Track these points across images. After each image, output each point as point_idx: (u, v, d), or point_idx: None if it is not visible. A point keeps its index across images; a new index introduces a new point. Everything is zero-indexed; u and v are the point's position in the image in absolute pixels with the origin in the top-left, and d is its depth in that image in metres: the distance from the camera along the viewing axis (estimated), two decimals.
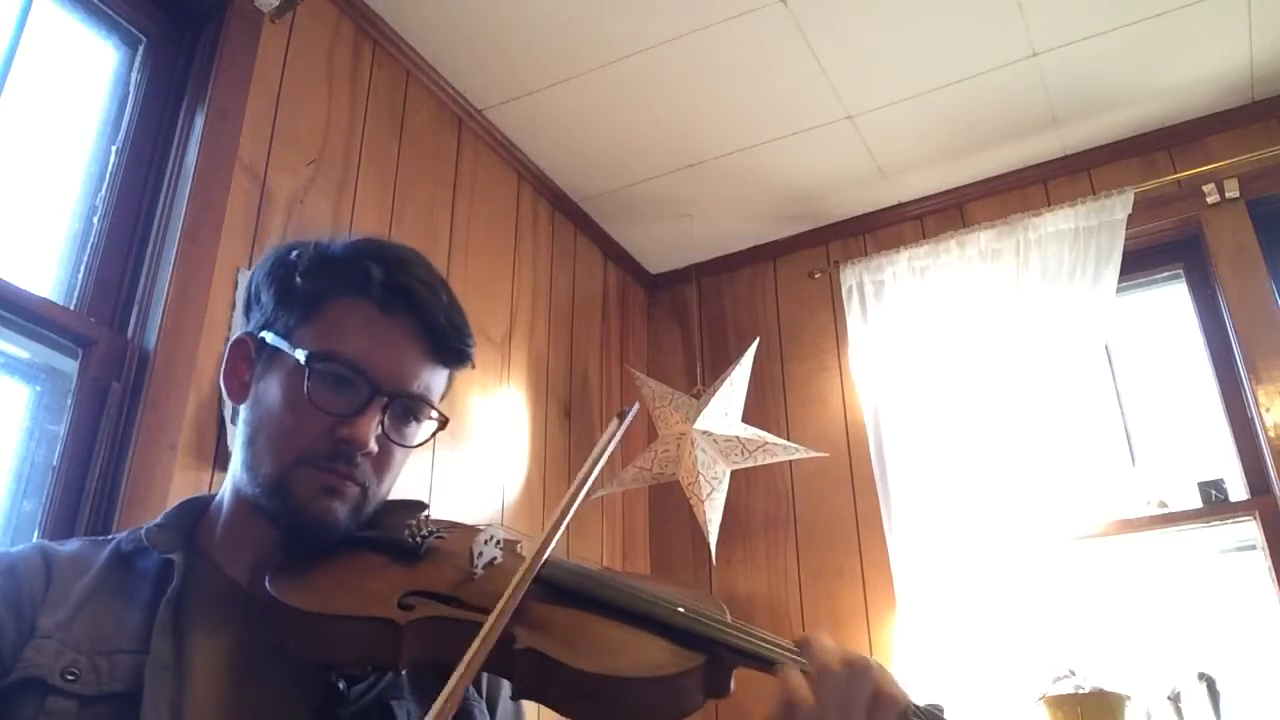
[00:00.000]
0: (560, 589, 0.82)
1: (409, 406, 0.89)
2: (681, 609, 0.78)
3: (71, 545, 0.90)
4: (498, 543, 0.88)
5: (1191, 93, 2.63)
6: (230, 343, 0.93)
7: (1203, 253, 2.67)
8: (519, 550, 0.91)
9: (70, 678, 0.76)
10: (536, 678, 0.74)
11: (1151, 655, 2.37)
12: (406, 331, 0.88)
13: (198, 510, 0.94)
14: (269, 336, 0.89)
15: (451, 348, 0.90)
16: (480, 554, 0.85)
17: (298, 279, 0.89)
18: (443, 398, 0.94)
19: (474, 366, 0.95)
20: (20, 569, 0.84)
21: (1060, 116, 2.71)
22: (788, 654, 0.76)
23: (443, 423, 0.92)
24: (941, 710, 0.78)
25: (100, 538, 0.92)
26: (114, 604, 0.83)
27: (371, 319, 0.87)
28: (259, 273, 0.93)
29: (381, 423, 0.86)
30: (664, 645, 0.76)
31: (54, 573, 0.84)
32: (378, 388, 0.85)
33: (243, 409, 0.91)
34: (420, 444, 0.92)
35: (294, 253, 0.91)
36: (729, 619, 0.80)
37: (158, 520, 0.92)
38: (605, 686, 0.72)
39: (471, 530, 0.92)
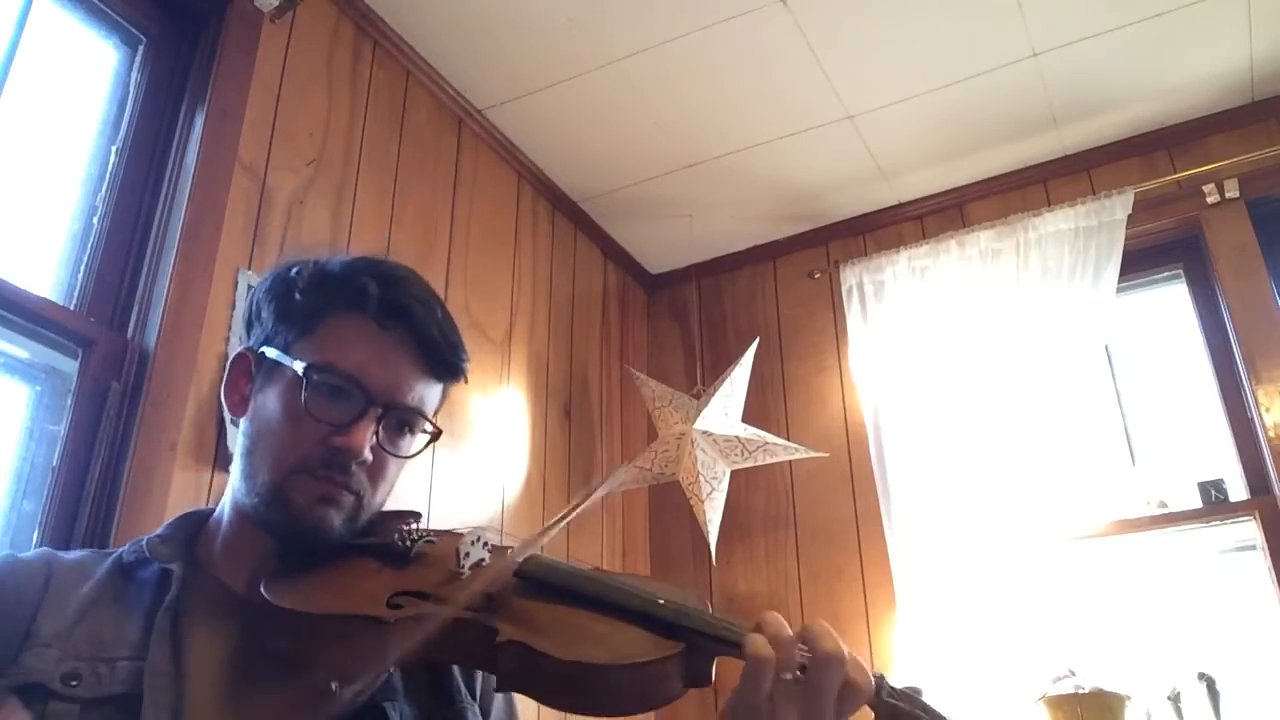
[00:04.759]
0: (543, 585, 0.84)
1: (403, 418, 0.91)
2: (661, 600, 0.80)
3: (75, 554, 0.93)
4: (485, 545, 0.90)
5: (1191, 93, 2.63)
6: (231, 358, 0.95)
7: (1203, 253, 2.67)
8: (508, 555, 0.93)
9: (73, 684, 0.78)
10: (519, 668, 0.76)
11: (1151, 655, 2.36)
12: (402, 346, 0.90)
13: (197, 522, 0.97)
14: (269, 351, 0.91)
15: (445, 362, 0.93)
16: (467, 555, 0.87)
17: (297, 295, 0.91)
18: (437, 411, 0.96)
19: (466, 381, 0.98)
20: (20, 571, 0.87)
21: (1060, 116, 2.71)
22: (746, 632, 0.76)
23: (435, 435, 0.94)
24: (920, 691, 0.78)
25: (105, 550, 0.95)
26: (114, 612, 0.85)
27: (368, 333, 0.90)
28: (260, 290, 0.96)
29: (376, 433, 0.88)
30: (643, 635, 0.78)
31: (53, 579, 0.86)
32: (373, 399, 0.88)
33: (242, 422, 0.93)
34: (414, 455, 0.94)
35: (294, 270, 0.94)
36: (707, 610, 0.81)
37: (159, 531, 0.94)
38: (585, 675, 0.74)
39: (460, 535, 0.94)
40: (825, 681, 0.71)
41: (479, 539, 0.90)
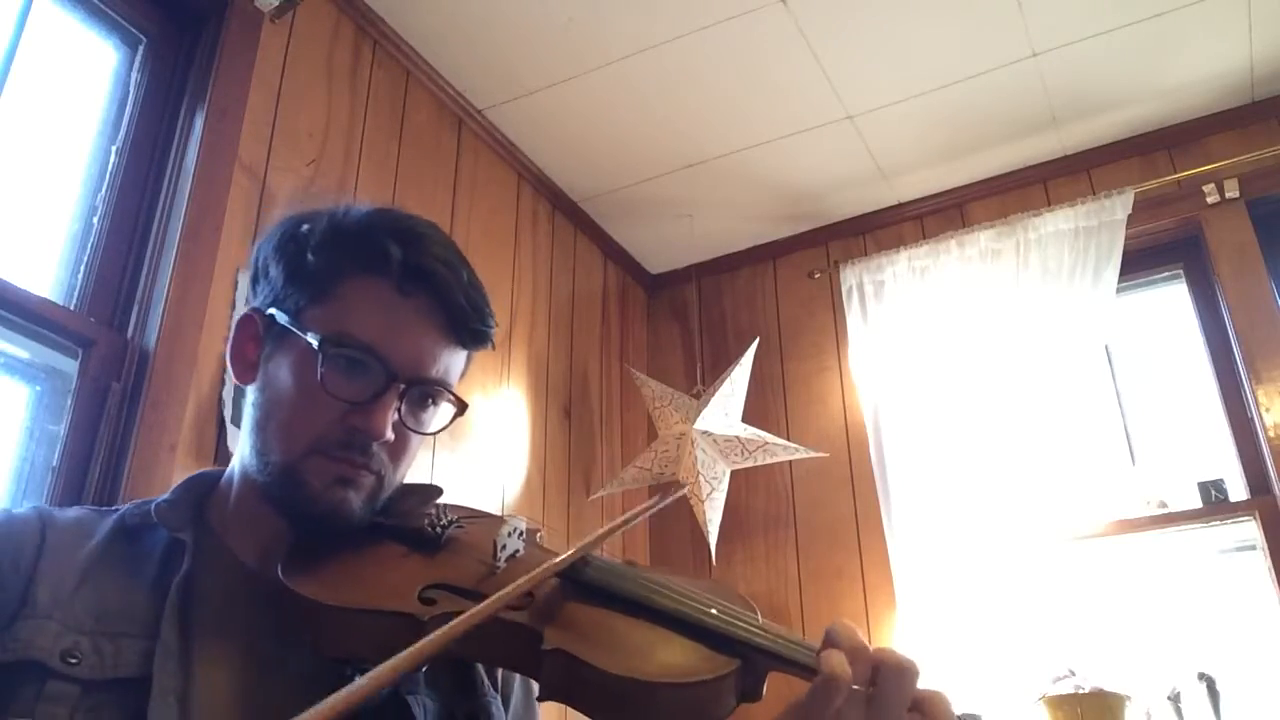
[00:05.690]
0: (590, 587, 0.79)
1: (427, 391, 0.85)
2: (714, 610, 0.76)
3: (73, 512, 0.87)
4: (520, 534, 0.85)
5: (1191, 93, 2.63)
6: (237, 319, 0.88)
7: (1203, 253, 2.67)
8: (539, 539, 0.89)
9: (73, 660, 0.73)
10: (564, 679, 0.72)
11: (1151, 655, 2.36)
12: (425, 313, 0.83)
13: (207, 485, 0.91)
14: (279, 315, 0.84)
15: (471, 329, 0.86)
16: (504, 546, 0.82)
17: (309, 255, 0.84)
18: (461, 377, 0.90)
19: (494, 347, 0.90)
20: (14, 528, 0.81)
21: (1060, 116, 2.71)
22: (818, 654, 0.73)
23: (461, 408, 0.88)
24: (980, 718, 0.78)
25: (104, 508, 0.89)
26: (119, 581, 0.80)
27: (388, 300, 0.83)
28: (267, 245, 0.89)
29: (399, 409, 0.82)
30: (697, 649, 0.74)
31: (49, 541, 0.80)
32: (395, 374, 0.81)
33: (250, 390, 0.87)
34: (438, 431, 0.88)
35: (305, 226, 0.86)
36: (760, 619, 0.77)
37: (166, 496, 0.88)
38: (635, 690, 0.70)
39: (493, 521, 0.90)
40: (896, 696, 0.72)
41: (515, 530, 0.85)
